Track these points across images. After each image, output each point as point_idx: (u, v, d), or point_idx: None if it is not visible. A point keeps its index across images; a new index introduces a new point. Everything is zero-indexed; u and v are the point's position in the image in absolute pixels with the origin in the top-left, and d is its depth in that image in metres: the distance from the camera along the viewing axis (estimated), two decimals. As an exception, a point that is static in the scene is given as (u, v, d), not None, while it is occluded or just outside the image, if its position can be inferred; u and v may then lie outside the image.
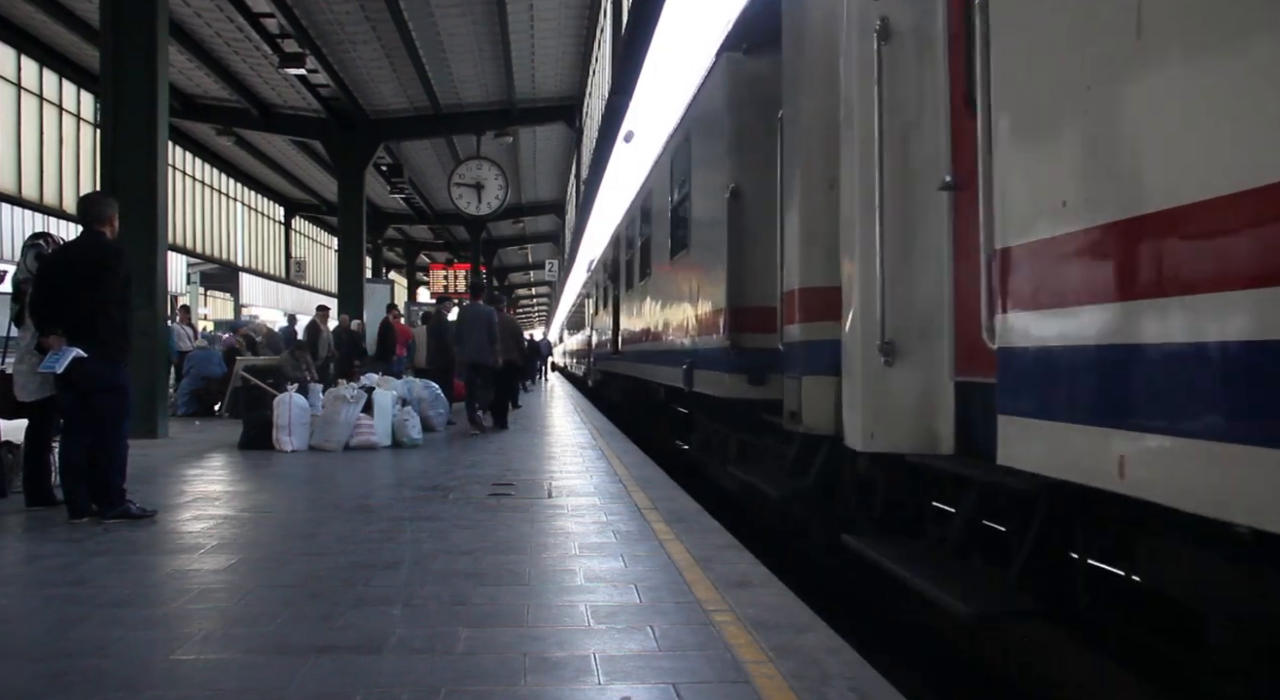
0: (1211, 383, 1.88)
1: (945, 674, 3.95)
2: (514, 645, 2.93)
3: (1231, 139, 1.85)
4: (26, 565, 4.20)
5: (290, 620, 3.21)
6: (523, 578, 3.84)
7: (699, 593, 3.59)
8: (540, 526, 5.03)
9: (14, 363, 5.40)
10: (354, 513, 5.43)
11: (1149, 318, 2.07)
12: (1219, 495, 1.86)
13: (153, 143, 9.06)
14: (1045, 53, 2.56)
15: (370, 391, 9.41)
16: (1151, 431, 2.06)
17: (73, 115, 19.68)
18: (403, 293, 36.39)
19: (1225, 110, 1.87)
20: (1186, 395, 1.95)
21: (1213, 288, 1.88)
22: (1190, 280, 1.95)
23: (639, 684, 2.60)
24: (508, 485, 6.57)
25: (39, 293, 5.18)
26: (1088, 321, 2.29)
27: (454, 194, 18.25)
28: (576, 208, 27.43)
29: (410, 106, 17.74)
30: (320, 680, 2.61)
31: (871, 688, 2.58)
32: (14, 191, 17.81)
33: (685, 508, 5.64)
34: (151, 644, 2.96)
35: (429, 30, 13.98)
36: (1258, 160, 1.76)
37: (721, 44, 6.35)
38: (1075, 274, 2.34)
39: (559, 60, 16.05)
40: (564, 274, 39.47)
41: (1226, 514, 1.84)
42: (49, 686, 2.56)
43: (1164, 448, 2.03)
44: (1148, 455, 2.08)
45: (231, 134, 20.27)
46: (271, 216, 32.39)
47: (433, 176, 23.77)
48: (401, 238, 34.96)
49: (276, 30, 13.89)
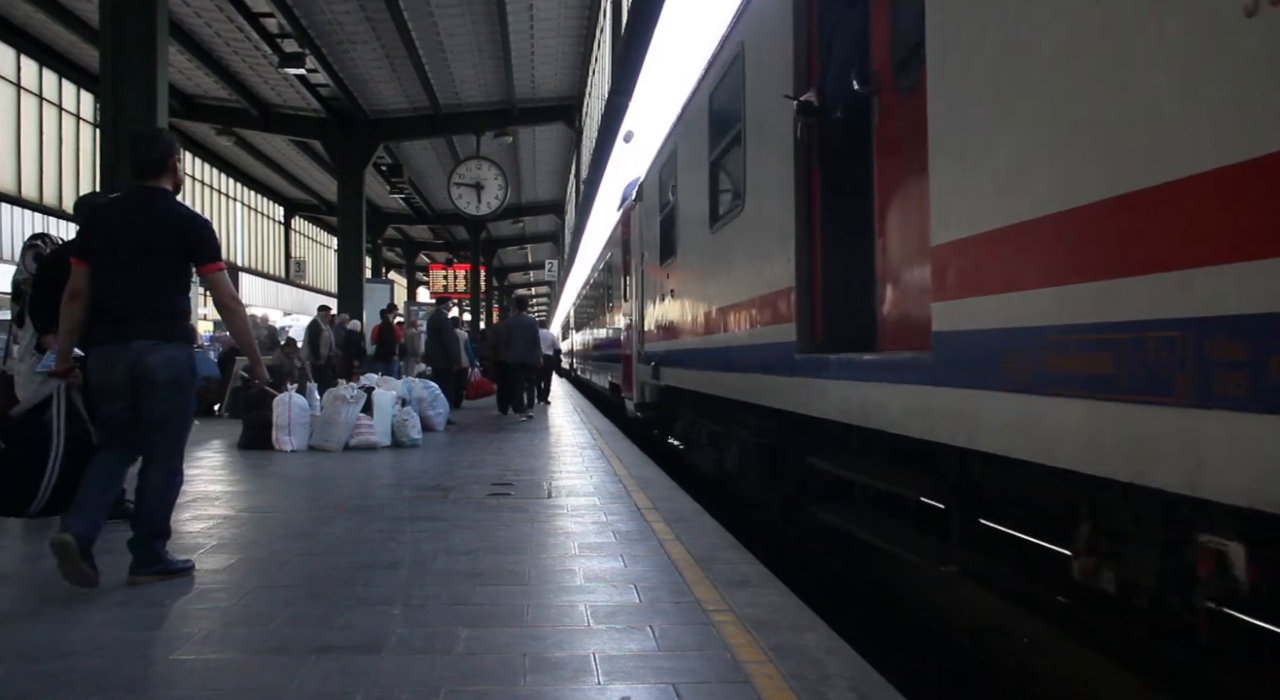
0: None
1: (945, 674, 3.95)
2: (514, 645, 2.93)
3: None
4: (26, 565, 4.20)
5: (290, 620, 3.21)
6: (522, 578, 3.85)
7: (699, 593, 3.59)
8: (540, 526, 5.03)
9: (14, 362, 5.41)
10: (354, 513, 5.43)
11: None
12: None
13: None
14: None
15: (370, 391, 9.41)
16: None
17: (73, 115, 19.67)
18: (402, 293, 36.39)
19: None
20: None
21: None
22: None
23: (639, 684, 2.60)
24: (507, 485, 6.57)
25: (38, 293, 5.19)
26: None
27: (454, 194, 18.25)
28: (576, 208, 27.43)
29: (410, 106, 17.74)
30: (320, 680, 2.61)
31: (871, 688, 2.58)
32: (14, 191, 17.81)
33: (685, 508, 5.64)
34: (151, 644, 2.97)
35: (429, 30, 13.98)
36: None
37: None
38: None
39: (559, 60, 16.04)
40: (564, 274, 39.47)
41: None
42: (49, 686, 2.56)
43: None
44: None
45: (231, 134, 20.26)
46: (271, 216, 32.38)
47: (432, 176, 23.76)
48: (401, 238, 34.96)
49: (276, 30, 13.89)
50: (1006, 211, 2.53)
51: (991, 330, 2.59)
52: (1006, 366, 2.49)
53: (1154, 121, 1.98)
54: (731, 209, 5.96)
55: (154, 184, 3.87)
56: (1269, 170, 1.68)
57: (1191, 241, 1.85)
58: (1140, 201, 2.00)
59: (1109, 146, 2.11)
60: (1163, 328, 1.91)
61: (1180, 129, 1.90)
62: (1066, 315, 2.23)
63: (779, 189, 4.71)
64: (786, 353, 4.56)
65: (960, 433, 2.79)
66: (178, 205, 3.92)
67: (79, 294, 3.76)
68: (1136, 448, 1.98)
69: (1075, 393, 2.19)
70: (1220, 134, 1.80)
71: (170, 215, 3.81)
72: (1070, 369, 2.20)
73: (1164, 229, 1.93)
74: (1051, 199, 2.33)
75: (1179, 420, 1.86)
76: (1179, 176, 1.90)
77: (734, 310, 5.84)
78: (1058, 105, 2.32)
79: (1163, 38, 1.96)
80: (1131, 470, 1.99)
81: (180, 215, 3.85)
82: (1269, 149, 1.69)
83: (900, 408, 3.21)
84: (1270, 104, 1.68)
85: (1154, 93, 1.98)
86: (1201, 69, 1.85)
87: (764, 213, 5.10)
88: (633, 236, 11.70)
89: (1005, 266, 2.53)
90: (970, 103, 2.77)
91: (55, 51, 17.32)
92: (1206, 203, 1.82)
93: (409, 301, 32.21)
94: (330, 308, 16.98)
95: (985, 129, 2.68)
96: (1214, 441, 1.78)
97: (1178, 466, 1.87)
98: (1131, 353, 1.99)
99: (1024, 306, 2.44)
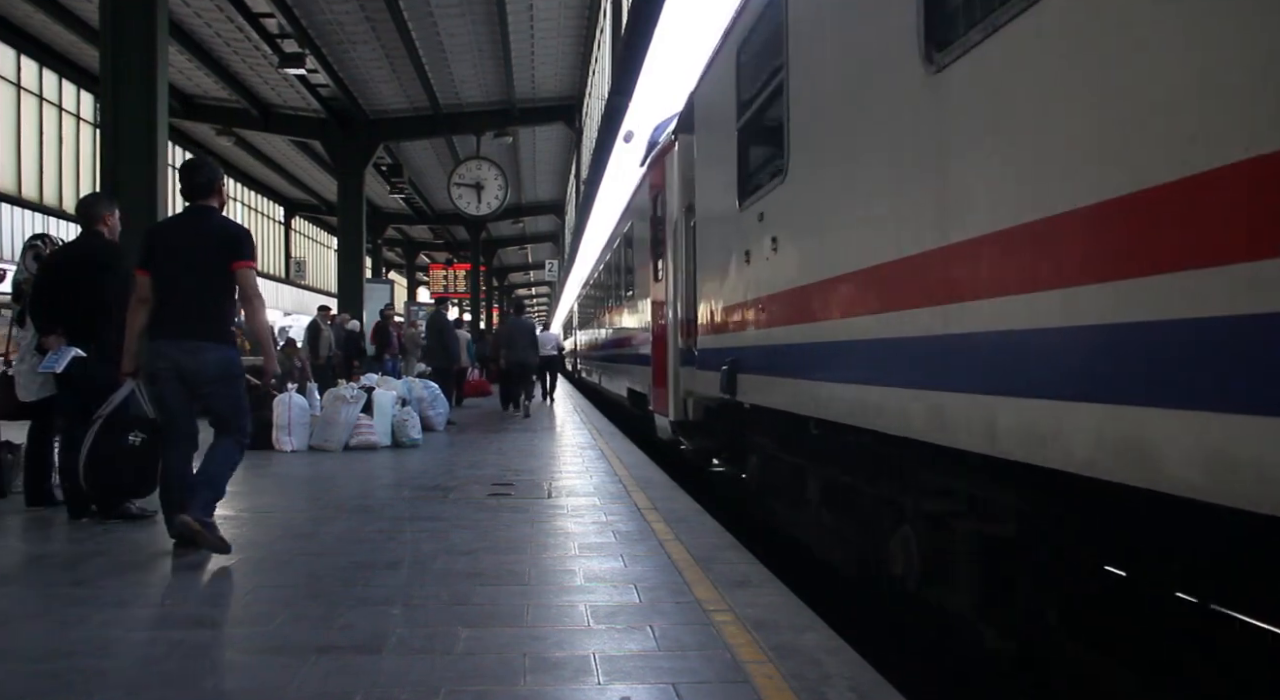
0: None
1: (945, 674, 3.95)
2: (514, 645, 2.93)
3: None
4: (26, 565, 4.20)
5: (290, 620, 3.21)
6: (522, 578, 3.85)
7: (699, 593, 3.59)
8: (540, 527, 5.03)
9: (15, 362, 5.41)
10: (354, 513, 5.43)
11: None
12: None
13: (153, 143, 9.05)
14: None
15: (370, 391, 9.42)
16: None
17: (73, 115, 19.67)
18: (403, 292, 36.39)
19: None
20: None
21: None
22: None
23: (639, 684, 2.60)
24: (507, 485, 6.57)
25: (39, 293, 5.20)
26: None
27: (454, 194, 18.24)
28: (576, 208, 27.42)
29: (410, 107, 17.73)
30: (320, 680, 2.61)
31: (871, 688, 2.59)
32: (14, 191, 17.80)
33: (685, 508, 5.64)
34: (152, 644, 2.97)
35: (429, 30, 13.97)
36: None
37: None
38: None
39: (559, 60, 16.04)
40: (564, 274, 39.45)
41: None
42: (49, 686, 2.56)
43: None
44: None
45: (231, 134, 20.25)
46: (271, 216, 32.36)
47: (432, 176, 23.75)
48: (401, 238, 34.95)
49: (276, 30, 13.88)
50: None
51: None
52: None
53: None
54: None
55: (203, 203, 4.55)
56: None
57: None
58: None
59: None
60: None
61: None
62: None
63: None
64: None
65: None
66: (223, 219, 4.64)
67: (145, 301, 4.43)
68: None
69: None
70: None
71: (216, 229, 4.49)
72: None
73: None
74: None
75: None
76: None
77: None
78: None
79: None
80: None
81: (224, 227, 4.54)
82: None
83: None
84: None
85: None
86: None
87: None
88: (670, 191, 8.30)
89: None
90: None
91: (55, 51, 17.31)
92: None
93: (409, 301, 32.22)
94: (330, 308, 16.98)
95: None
96: None
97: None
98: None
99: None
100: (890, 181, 3.38)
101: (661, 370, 8.70)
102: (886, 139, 3.40)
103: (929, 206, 3.02)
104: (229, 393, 4.47)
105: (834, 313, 3.96)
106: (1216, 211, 1.84)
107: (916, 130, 3.13)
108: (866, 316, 3.59)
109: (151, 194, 9.10)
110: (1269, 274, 1.70)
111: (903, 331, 3.22)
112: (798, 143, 4.49)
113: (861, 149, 3.70)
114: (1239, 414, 1.79)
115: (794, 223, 4.61)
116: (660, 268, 8.93)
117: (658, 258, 9.14)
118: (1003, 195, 2.59)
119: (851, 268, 3.75)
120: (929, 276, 3.02)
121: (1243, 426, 1.77)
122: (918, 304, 3.11)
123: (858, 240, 3.72)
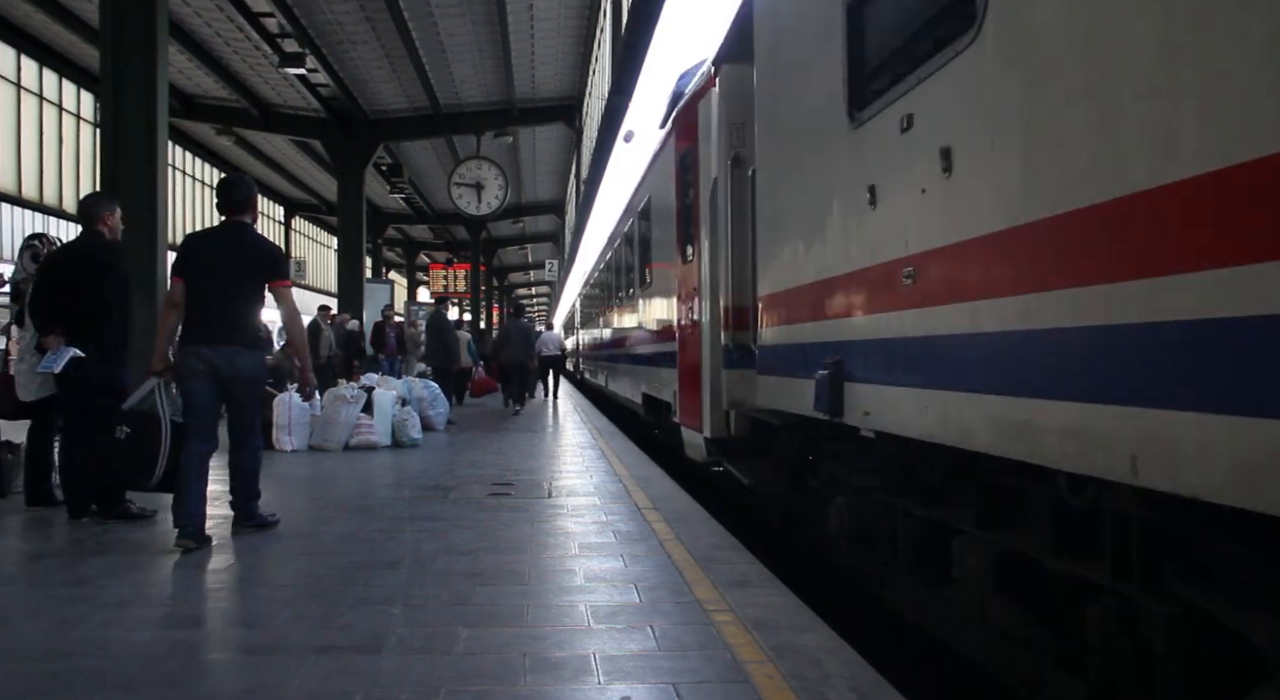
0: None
1: (945, 674, 3.95)
2: (514, 645, 2.93)
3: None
4: (26, 565, 4.20)
5: (290, 620, 3.21)
6: (522, 578, 3.85)
7: (699, 593, 3.59)
8: (540, 526, 5.03)
9: (15, 362, 5.41)
10: (354, 513, 5.43)
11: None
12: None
13: (153, 143, 9.05)
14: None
15: (370, 391, 9.41)
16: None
17: (73, 115, 19.67)
18: (403, 292, 36.39)
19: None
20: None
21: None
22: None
23: (639, 684, 2.60)
24: (507, 485, 6.57)
25: (39, 293, 5.19)
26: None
27: (454, 194, 18.23)
28: (576, 208, 27.41)
29: (410, 106, 17.73)
30: (320, 680, 2.61)
31: (871, 688, 2.58)
32: (14, 191, 17.80)
33: (685, 508, 5.64)
34: (152, 644, 2.96)
35: (429, 30, 13.97)
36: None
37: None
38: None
39: (559, 60, 16.04)
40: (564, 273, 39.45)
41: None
42: (49, 686, 2.56)
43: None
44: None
45: (231, 134, 20.25)
46: (271, 216, 32.36)
47: (432, 176, 23.75)
48: (401, 238, 34.95)
49: (276, 30, 13.88)
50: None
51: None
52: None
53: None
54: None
55: (239, 218, 4.82)
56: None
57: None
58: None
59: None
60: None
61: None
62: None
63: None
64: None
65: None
66: (257, 235, 4.93)
67: (177, 305, 4.65)
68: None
69: None
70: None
71: (250, 243, 4.80)
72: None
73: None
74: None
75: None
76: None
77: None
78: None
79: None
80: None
81: (259, 243, 4.87)
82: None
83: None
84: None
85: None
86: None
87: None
88: (708, 142, 6.50)
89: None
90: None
91: (55, 51, 17.30)
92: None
93: (409, 301, 32.22)
94: (330, 307, 16.98)
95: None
96: None
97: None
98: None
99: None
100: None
101: (692, 374, 6.91)
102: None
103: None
104: (256, 392, 4.88)
105: (1113, 272, 2.04)
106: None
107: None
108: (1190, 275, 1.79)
109: (151, 194, 9.11)
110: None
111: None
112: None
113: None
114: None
115: (998, 111, 2.56)
116: (691, 246, 7.09)
117: (687, 234, 7.27)
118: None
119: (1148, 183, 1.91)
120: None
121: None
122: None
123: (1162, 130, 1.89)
